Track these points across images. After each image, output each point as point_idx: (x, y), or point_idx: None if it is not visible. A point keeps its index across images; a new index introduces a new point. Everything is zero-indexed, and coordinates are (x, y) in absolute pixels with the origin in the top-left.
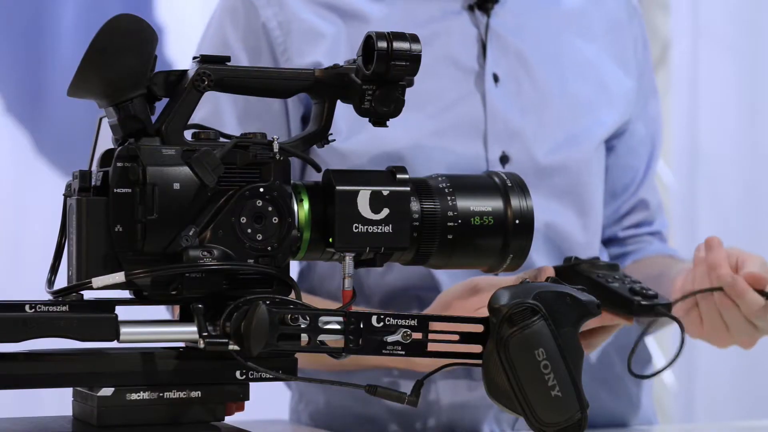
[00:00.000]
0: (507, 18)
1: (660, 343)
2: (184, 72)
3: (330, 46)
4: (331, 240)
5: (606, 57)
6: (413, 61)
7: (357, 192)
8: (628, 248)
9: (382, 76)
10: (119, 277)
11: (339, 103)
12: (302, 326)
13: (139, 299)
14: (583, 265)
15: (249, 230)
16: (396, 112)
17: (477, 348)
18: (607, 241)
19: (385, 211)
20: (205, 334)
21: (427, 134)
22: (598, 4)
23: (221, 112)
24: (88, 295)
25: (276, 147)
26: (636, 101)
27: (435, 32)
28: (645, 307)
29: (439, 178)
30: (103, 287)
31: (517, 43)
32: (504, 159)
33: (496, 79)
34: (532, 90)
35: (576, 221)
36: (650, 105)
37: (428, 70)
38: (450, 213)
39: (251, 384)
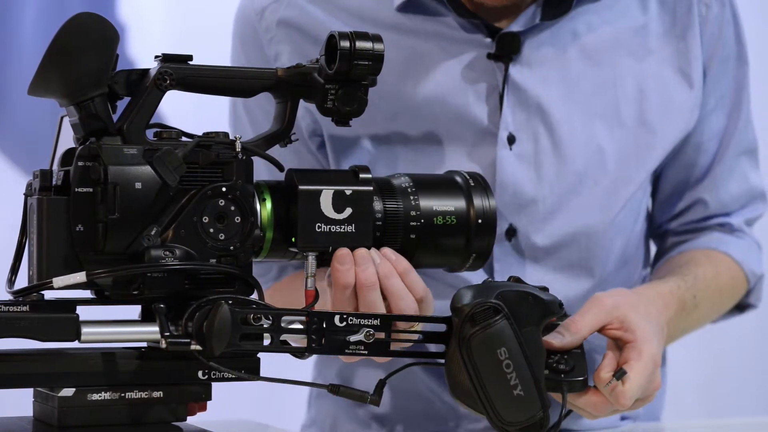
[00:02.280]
0: (531, 64)
1: None
2: (146, 71)
3: None
4: (293, 239)
5: (667, 69)
6: (376, 60)
7: (320, 191)
8: (682, 238)
9: (344, 75)
10: (80, 277)
11: None
12: (265, 326)
13: (101, 299)
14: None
15: (211, 230)
16: (359, 111)
17: (440, 347)
18: (663, 234)
19: (348, 211)
20: (167, 334)
21: None
22: (665, 9)
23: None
24: (49, 295)
25: (238, 146)
26: (705, 101)
27: (454, 83)
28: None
29: (402, 178)
30: (64, 287)
31: (538, 94)
32: (510, 232)
33: (511, 140)
34: (551, 149)
35: (588, 288)
36: (734, 97)
37: (441, 129)
38: (413, 212)
39: (214, 384)
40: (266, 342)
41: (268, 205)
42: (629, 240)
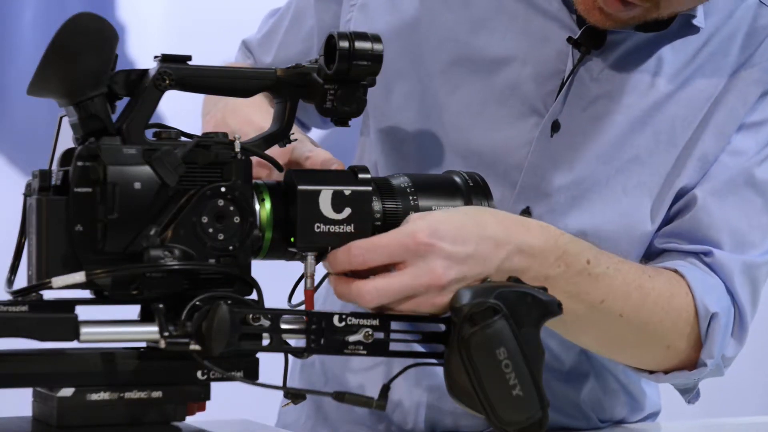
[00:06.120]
0: (605, 65)
1: None
2: (145, 71)
3: (404, 23)
4: (293, 240)
5: (732, 97)
6: (375, 60)
7: (319, 192)
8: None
9: (344, 75)
10: (79, 276)
11: None
12: (264, 326)
13: (100, 299)
14: None
15: (210, 230)
16: (358, 111)
17: (439, 347)
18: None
19: (347, 211)
20: (166, 333)
21: (457, 165)
22: (735, 31)
23: None
24: (48, 295)
25: (237, 146)
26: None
27: (524, 50)
28: None
29: (402, 178)
30: (63, 287)
31: (599, 97)
32: (524, 215)
33: (556, 127)
34: (592, 150)
35: None
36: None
37: (492, 96)
38: (412, 213)
39: (213, 384)
40: (265, 342)
41: (267, 205)
42: None
